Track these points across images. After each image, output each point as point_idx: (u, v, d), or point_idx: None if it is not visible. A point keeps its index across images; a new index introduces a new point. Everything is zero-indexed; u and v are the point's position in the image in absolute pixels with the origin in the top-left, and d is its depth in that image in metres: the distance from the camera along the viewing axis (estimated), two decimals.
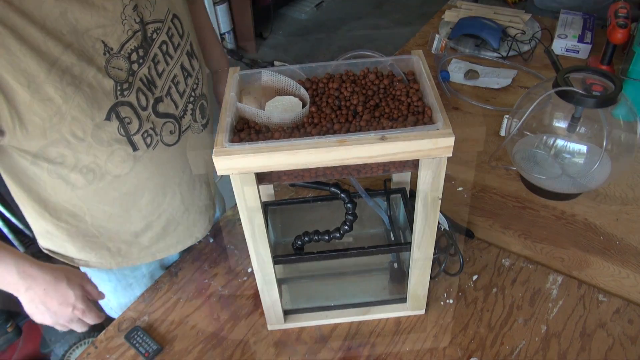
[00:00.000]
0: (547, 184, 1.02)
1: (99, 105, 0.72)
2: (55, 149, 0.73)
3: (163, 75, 0.80)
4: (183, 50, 0.83)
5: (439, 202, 0.68)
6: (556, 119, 1.03)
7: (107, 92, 0.72)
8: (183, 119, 0.85)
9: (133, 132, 0.77)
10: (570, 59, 1.45)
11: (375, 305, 0.87)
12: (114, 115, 0.74)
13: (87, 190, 0.80)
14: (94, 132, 0.73)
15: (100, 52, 0.70)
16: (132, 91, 0.75)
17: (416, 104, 0.66)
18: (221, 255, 1.00)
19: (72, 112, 0.70)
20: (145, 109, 0.78)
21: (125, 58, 0.73)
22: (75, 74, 0.69)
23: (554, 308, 0.86)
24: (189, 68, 0.85)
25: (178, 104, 0.83)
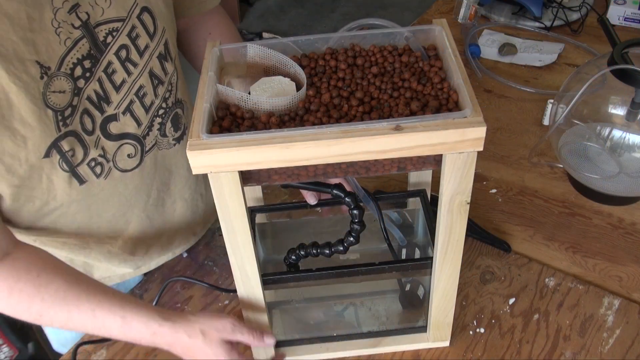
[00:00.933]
0: (601, 184, 1.02)
1: (35, 145, 0.71)
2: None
3: (123, 88, 0.79)
4: (153, 53, 0.81)
5: (467, 207, 0.69)
6: (612, 105, 1.03)
7: (44, 128, 0.71)
8: (147, 137, 0.85)
9: (77, 164, 0.77)
10: (629, 30, 1.46)
11: (389, 336, 0.87)
12: (54, 150, 0.73)
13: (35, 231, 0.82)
14: (29, 173, 0.73)
15: (36, 77, 0.68)
16: (76, 115, 0.74)
17: (439, 86, 0.67)
18: (197, 273, 1.00)
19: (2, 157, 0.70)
20: (92, 133, 0.77)
21: (67, 76, 0.71)
22: (3, 112, 0.67)
23: (609, 339, 0.87)
24: (160, 74, 0.84)
25: (141, 120, 0.83)
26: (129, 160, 0.83)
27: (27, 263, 0.73)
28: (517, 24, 1.50)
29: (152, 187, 0.89)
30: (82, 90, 0.74)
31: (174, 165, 0.92)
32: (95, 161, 0.79)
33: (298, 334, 0.89)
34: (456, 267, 0.75)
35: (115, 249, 0.92)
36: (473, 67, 1.37)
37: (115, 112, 0.79)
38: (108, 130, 0.79)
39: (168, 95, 0.86)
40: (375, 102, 0.66)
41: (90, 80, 0.74)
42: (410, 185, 0.93)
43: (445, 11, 1.60)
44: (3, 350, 1.45)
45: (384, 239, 0.82)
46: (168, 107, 0.87)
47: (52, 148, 0.73)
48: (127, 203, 0.87)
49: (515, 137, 1.21)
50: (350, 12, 3.42)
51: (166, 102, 0.86)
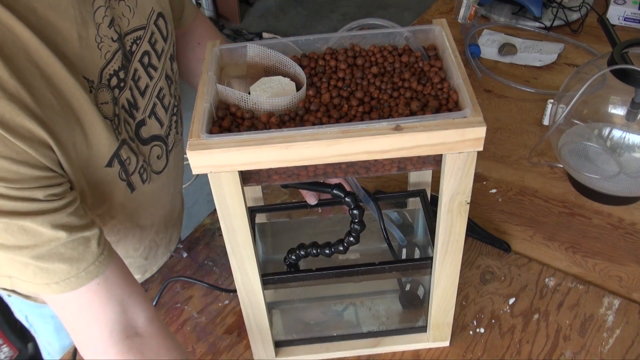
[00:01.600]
0: (601, 184, 1.02)
1: (100, 152, 0.71)
2: None
3: (147, 93, 0.79)
4: (167, 55, 0.83)
5: (467, 207, 0.69)
6: (612, 105, 1.03)
7: (110, 138, 0.71)
8: (169, 137, 0.86)
9: (131, 172, 0.78)
10: (629, 30, 1.46)
11: (388, 336, 0.87)
12: (116, 160, 0.74)
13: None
14: (95, 179, 0.73)
15: (86, 90, 0.68)
16: (121, 125, 0.75)
17: (439, 86, 0.67)
18: (197, 273, 1.00)
19: (82, 165, 0.70)
20: (134, 141, 0.78)
21: (107, 88, 0.72)
22: (82, 123, 0.67)
23: (609, 339, 0.87)
24: (171, 74, 0.85)
25: (163, 121, 0.84)
26: (158, 162, 0.85)
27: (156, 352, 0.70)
28: (517, 24, 1.50)
29: (172, 185, 0.91)
30: (118, 99, 0.74)
31: (181, 162, 0.95)
32: (142, 168, 0.80)
33: (298, 334, 0.89)
34: (456, 267, 0.75)
35: (135, 257, 0.92)
36: (473, 67, 1.37)
37: (143, 117, 0.80)
38: (141, 136, 0.80)
39: (175, 92, 0.88)
40: (375, 102, 0.66)
41: (123, 89, 0.75)
42: (410, 185, 0.93)
43: (445, 11, 1.60)
44: (3, 350, 1.45)
45: (384, 239, 0.82)
46: (177, 104, 0.89)
47: (114, 157, 0.73)
48: (157, 204, 0.89)
49: (515, 137, 1.21)
50: (350, 12, 3.42)
51: (176, 100, 0.88)
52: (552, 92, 1.28)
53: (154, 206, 0.88)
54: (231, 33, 3.25)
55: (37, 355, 1.45)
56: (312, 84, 0.69)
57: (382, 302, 0.92)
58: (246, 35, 3.23)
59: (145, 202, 0.85)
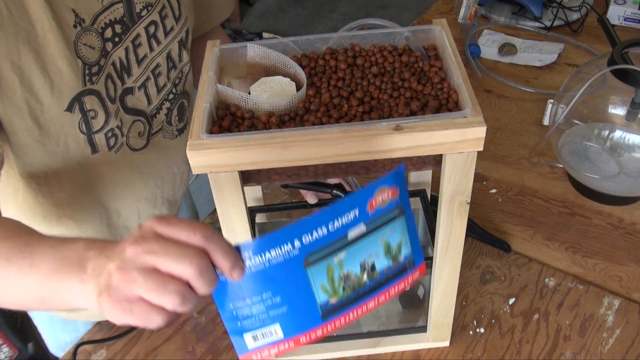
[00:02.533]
0: (601, 184, 1.02)
1: (60, 92, 0.71)
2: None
3: (143, 63, 0.80)
4: (175, 37, 0.83)
5: (467, 207, 0.69)
6: (612, 105, 1.03)
7: (72, 76, 0.71)
8: (154, 118, 0.85)
9: (96, 129, 0.77)
10: (629, 30, 1.46)
11: (388, 336, 0.87)
12: (77, 106, 0.73)
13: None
14: (48, 126, 0.72)
15: (70, 23, 0.69)
16: (102, 76, 0.75)
17: (439, 86, 0.67)
18: None
19: (27, 95, 0.69)
20: (114, 102, 0.77)
21: (98, 34, 0.72)
22: (38, 48, 0.67)
23: (609, 339, 0.87)
24: (176, 58, 0.85)
25: (152, 99, 0.83)
26: (138, 139, 0.84)
27: None
28: (517, 24, 1.50)
29: (150, 176, 0.89)
30: (110, 54, 0.74)
31: (171, 160, 0.92)
32: (112, 132, 0.79)
33: None
34: (456, 267, 0.75)
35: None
36: (473, 67, 1.37)
37: (133, 85, 0.79)
38: (125, 103, 0.80)
39: (178, 81, 0.87)
40: (375, 102, 0.66)
41: (118, 45, 0.75)
42: (410, 185, 0.93)
43: (445, 11, 1.59)
44: (3, 350, 1.45)
45: None
46: (177, 93, 0.88)
47: (75, 102, 0.72)
48: (126, 186, 0.86)
49: (515, 137, 1.21)
50: (350, 12, 3.42)
51: (176, 88, 0.87)
52: (552, 92, 1.28)
53: (122, 188, 0.86)
54: (231, 33, 3.25)
55: (37, 355, 1.45)
56: (312, 84, 0.69)
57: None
58: (246, 35, 3.23)
59: (111, 176, 0.83)
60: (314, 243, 0.52)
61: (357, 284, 0.57)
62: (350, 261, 0.56)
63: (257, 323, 0.55)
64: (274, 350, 0.57)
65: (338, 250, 0.54)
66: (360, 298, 0.59)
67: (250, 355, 0.57)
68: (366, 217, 0.54)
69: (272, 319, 0.55)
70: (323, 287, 0.55)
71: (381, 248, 0.57)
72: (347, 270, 0.56)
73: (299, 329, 0.57)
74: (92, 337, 0.92)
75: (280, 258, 0.51)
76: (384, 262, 0.58)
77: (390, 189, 0.55)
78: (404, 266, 0.60)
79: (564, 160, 1.06)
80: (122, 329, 0.92)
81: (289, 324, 0.56)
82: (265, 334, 0.56)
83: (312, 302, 0.56)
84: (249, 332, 0.55)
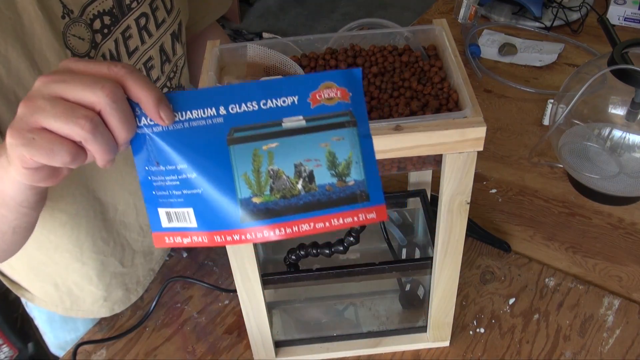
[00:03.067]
0: (601, 184, 1.02)
1: None
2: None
3: (134, 56, 0.79)
4: (168, 29, 0.83)
5: (467, 207, 0.69)
6: (612, 105, 1.03)
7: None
8: None
9: None
10: (629, 30, 1.46)
11: (388, 336, 0.87)
12: None
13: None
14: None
15: (58, 14, 0.69)
16: None
17: (439, 86, 0.67)
18: (197, 273, 1.00)
19: (15, 87, 0.68)
20: None
21: (87, 25, 0.72)
22: (25, 39, 0.67)
23: (609, 339, 0.87)
24: (169, 52, 0.85)
25: None
26: None
27: None
28: (517, 24, 1.50)
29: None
30: (99, 45, 0.74)
31: None
32: None
33: (298, 334, 0.89)
34: (456, 267, 0.75)
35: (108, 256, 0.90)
36: (473, 67, 1.37)
37: None
38: None
39: (172, 75, 0.87)
40: (375, 102, 0.66)
41: (107, 37, 0.75)
42: (410, 185, 0.93)
43: (445, 11, 1.59)
44: (3, 350, 1.45)
45: (384, 239, 0.82)
46: (171, 87, 0.88)
47: None
48: (121, 181, 0.86)
49: (515, 137, 1.21)
50: (350, 12, 3.42)
51: (170, 82, 0.87)
52: (552, 92, 1.28)
53: (117, 182, 0.85)
54: (231, 33, 3.25)
55: (37, 355, 1.46)
56: None
57: (382, 302, 0.92)
58: (246, 35, 3.23)
59: (104, 170, 0.81)
60: (241, 116, 0.47)
61: (288, 191, 0.50)
62: (282, 156, 0.49)
63: (172, 199, 0.50)
64: (187, 239, 0.51)
65: (269, 136, 0.48)
66: (293, 212, 0.51)
67: (163, 236, 0.51)
68: (307, 110, 0.49)
69: (187, 201, 0.49)
70: (246, 177, 0.49)
71: (323, 156, 0.50)
72: (277, 167, 0.50)
73: (214, 224, 0.50)
74: (92, 337, 0.92)
75: (202, 122, 0.47)
76: (326, 177, 0.51)
77: (340, 89, 0.49)
78: (353, 194, 0.51)
79: (564, 160, 1.06)
80: (122, 328, 0.92)
81: (203, 213, 0.50)
82: (178, 216, 0.50)
83: (232, 194, 0.49)
84: (163, 208, 0.50)
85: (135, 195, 0.89)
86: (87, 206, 0.84)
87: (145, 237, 0.95)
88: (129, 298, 0.95)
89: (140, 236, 0.94)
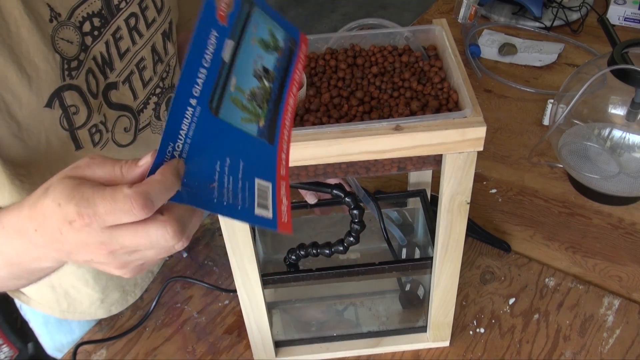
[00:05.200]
0: (601, 184, 1.02)
1: (39, 87, 0.70)
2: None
3: (126, 57, 0.79)
4: (159, 28, 0.82)
5: (467, 207, 0.69)
6: (612, 105, 1.03)
7: (50, 71, 0.70)
8: (142, 113, 0.84)
9: (78, 125, 0.76)
10: (629, 30, 1.46)
11: (388, 336, 0.87)
12: (57, 102, 0.72)
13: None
14: (28, 122, 0.71)
15: (45, 18, 0.68)
16: (82, 71, 0.74)
17: (439, 86, 0.67)
18: (197, 273, 1.00)
19: (2, 91, 0.68)
20: (96, 97, 0.76)
21: (76, 28, 0.71)
22: (12, 44, 0.66)
23: (609, 339, 0.87)
24: (161, 51, 0.84)
25: (138, 94, 0.82)
26: (124, 135, 0.82)
27: None
28: (517, 24, 1.50)
29: None
30: (90, 48, 0.73)
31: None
32: (96, 127, 0.78)
33: (298, 334, 0.89)
34: (456, 267, 0.75)
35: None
36: (473, 67, 1.37)
37: (116, 80, 0.78)
38: (109, 98, 0.78)
39: (165, 75, 0.86)
40: (375, 102, 0.66)
41: (98, 39, 0.74)
42: (410, 185, 0.93)
43: (445, 11, 1.60)
44: (3, 350, 1.45)
45: (384, 239, 0.82)
46: (165, 87, 0.87)
47: (55, 97, 0.71)
48: None
49: (515, 137, 1.21)
50: (350, 12, 3.42)
51: (163, 82, 0.86)
52: (552, 92, 1.28)
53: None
54: None
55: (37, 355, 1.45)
56: (312, 84, 0.69)
57: (382, 302, 0.92)
58: None
59: None
60: (203, 89, 0.49)
61: (265, 95, 0.54)
62: (243, 79, 0.53)
63: (245, 193, 0.50)
64: (285, 201, 0.53)
65: (226, 78, 0.51)
66: (280, 102, 0.56)
67: (282, 221, 0.52)
68: (225, 31, 0.52)
69: (247, 178, 0.51)
70: (244, 119, 0.52)
71: (259, 48, 0.55)
72: (248, 90, 0.53)
73: (269, 166, 0.53)
74: (92, 337, 0.92)
75: (192, 124, 0.48)
76: (270, 58, 0.55)
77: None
78: (289, 49, 0.57)
79: (564, 160, 1.06)
80: (122, 329, 0.92)
81: (259, 170, 0.52)
82: (261, 195, 0.51)
83: (251, 139, 0.52)
84: (253, 206, 0.51)
85: None
86: None
87: None
88: (126, 300, 0.95)
89: None
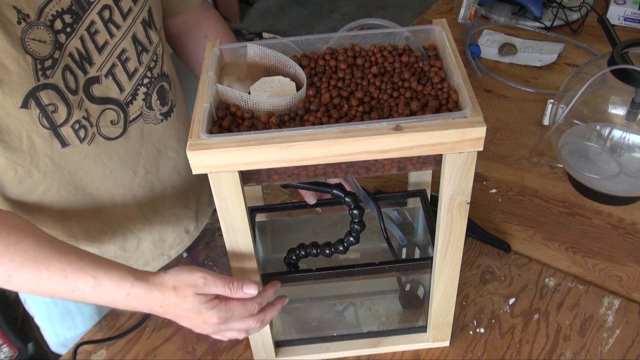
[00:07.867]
0: (601, 184, 1.02)
1: (11, 90, 0.70)
2: None
3: (105, 50, 0.78)
4: (136, 18, 0.81)
5: (467, 207, 0.69)
6: (612, 105, 1.03)
7: (22, 73, 0.70)
8: (131, 105, 0.84)
9: (60, 123, 0.76)
10: (629, 30, 1.46)
11: (388, 336, 0.87)
12: (33, 102, 0.72)
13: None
14: (6, 123, 0.71)
15: (13, 20, 0.67)
16: (58, 69, 0.73)
17: (439, 86, 0.67)
18: None
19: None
20: (75, 93, 0.76)
21: (47, 27, 0.71)
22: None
23: (609, 339, 0.87)
24: (144, 41, 0.83)
25: (124, 86, 0.82)
26: (112, 128, 0.82)
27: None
28: (517, 24, 1.50)
29: (139, 164, 0.88)
30: (64, 45, 0.73)
31: (162, 146, 0.91)
32: (79, 123, 0.78)
33: (298, 334, 0.89)
34: (456, 267, 0.75)
35: (106, 244, 0.90)
36: (473, 67, 1.37)
37: (97, 74, 0.78)
38: (91, 93, 0.78)
39: (153, 65, 0.85)
40: (375, 102, 0.66)
41: (72, 36, 0.74)
42: (410, 185, 0.93)
43: (445, 11, 1.60)
44: (3, 350, 1.45)
45: (384, 239, 0.82)
46: (153, 77, 0.86)
47: (30, 98, 0.71)
48: (112, 176, 0.85)
49: (515, 137, 1.21)
50: (350, 12, 3.42)
51: (151, 72, 0.85)
52: (552, 92, 1.28)
53: (107, 178, 0.85)
54: None
55: (37, 355, 1.46)
56: (312, 84, 0.69)
57: (382, 302, 0.92)
58: (246, 35, 3.23)
59: (90, 167, 0.82)
60: None
61: None
62: None
63: None
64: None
65: None
66: None
67: None
68: None
69: None
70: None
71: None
72: None
73: None
74: (92, 337, 0.92)
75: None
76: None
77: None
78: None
79: (564, 160, 1.06)
80: (122, 328, 0.92)
81: None
82: None
83: None
84: None
85: (131, 189, 0.89)
86: (76, 201, 0.84)
87: (153, 226, 0.95)
88: None
89: (146, 225, 0.94)
